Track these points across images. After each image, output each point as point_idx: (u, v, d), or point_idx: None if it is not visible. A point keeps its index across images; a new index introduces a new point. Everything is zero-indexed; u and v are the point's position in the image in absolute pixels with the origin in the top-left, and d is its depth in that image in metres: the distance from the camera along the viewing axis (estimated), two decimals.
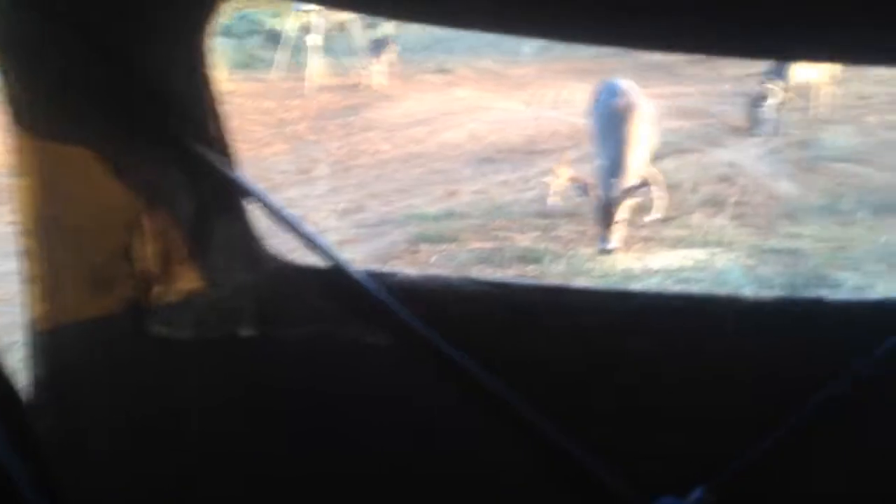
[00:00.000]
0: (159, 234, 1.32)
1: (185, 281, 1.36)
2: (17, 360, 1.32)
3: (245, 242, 1.40)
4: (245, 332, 1.41)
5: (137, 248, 1.32)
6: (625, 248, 6.42)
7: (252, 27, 22.68)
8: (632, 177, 6.62)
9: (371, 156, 10.50)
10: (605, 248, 6.29)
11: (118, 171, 1.27)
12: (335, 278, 1.39)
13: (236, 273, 1.40)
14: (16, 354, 1.38)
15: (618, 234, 6.36)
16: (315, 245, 1.37)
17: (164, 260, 1.34)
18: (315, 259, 1.41)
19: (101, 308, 1.33)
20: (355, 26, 17.63)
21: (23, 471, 0.67)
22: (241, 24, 22.56)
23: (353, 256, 6.54)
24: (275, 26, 22.46)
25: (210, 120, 1.31)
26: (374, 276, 1.39)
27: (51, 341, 1.31)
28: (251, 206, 1.39)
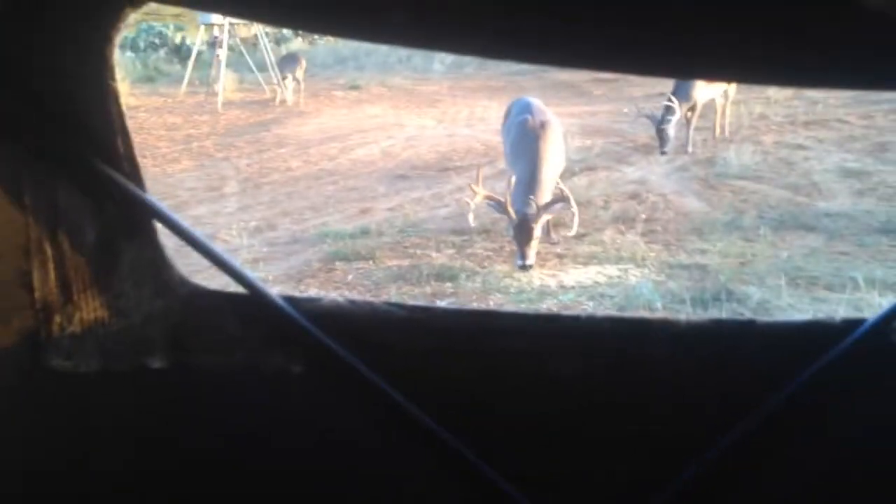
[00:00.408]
0: (61, 259, 1.22)
1: (89, 310, 1.26)
2: None
3: (154, 267, 1.30)
4: (155, 363, 1.31)
5: (37, 275, 1.22)
6: (540, 264, 6.49)
7: (156, 40, 22.16)
8: (546, 194, 6.71)
9: (282, 173, 10.34)
10: (522, 265, 6.33)
11: (16, 193, 1.17)
12: (252, 304, 1.31)
13: (145, 300, 1.30)
14: None
15: (534, 251, 6.42)
16: (230, 269, 1.29)
17: (65, 288, 1.24)
18: (230, 284, 1.33)
19: None
20: (264, 42, 17.41)
21: None
22: (145, 37, 22.02)
23: (266, 275, 6.40)
24: (180, 40, 22.02)
25: (116, 137, 1.21)
26: (294, 301, 1.32)
27: None
28: (160, 229, 1.30)
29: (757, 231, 7.07)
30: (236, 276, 1.28)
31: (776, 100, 12.38)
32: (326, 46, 22.59)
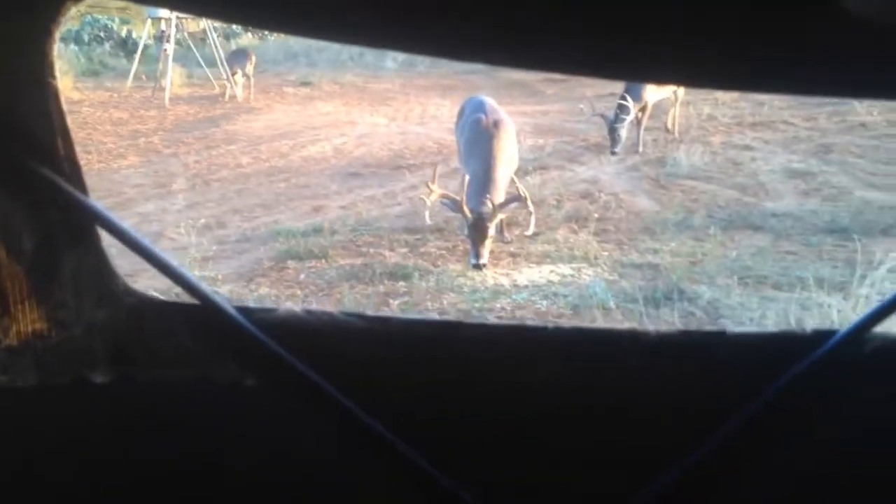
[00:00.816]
0: None
1: (27, 322, 1.18)
2: None
3: (97, 276, 1.22)
4: (98, 376, 1.23)
5: None
6: (493, 263, 6.48)
7: (101, 34, 21.67)
8: (501, 193, 6.71)
9: (232, 169, 10.18)
10: (476, 264, 6.32)
11: None
12: (203, 315, 1.24)
13: (87, 311, 1.22)
14: None
15: (488, 250, 6.41)
16: (179, 278, 1.20)
17: (2, 298, 1.16)
18: (179, 294, 1.26)
19: None
20: (213, 37, 17.13)
21: None
22: (89, 31, 21.52)
23: (216, 274, 6.29)
24: (126, 34, 21.56)
25: (56, 138, 1.13)
26: (247, 311, 1.25)
27: None
28: (104, 236, 1.23)
29: (707, 230, 7.16)
30: (186, 285, 1.20)
31: (724, 101, 12.59)
32: (276, 42, 22.33)
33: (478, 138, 7.14)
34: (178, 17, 15.90)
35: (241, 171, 10.11)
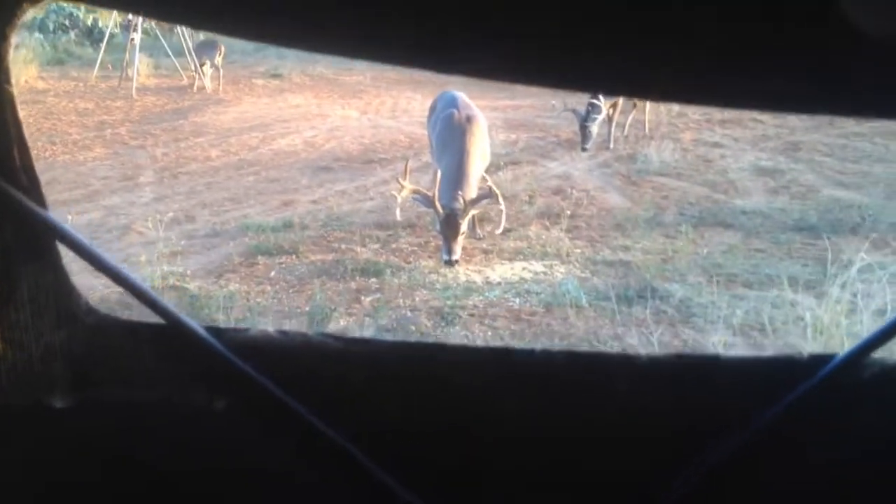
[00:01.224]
0: None
1: None
2: None
3: (56, 294, 1.15)
4: (59, 401, 1.17)
5: None
6: (466, 260, 6.45)
7: (66, 22, 21.26)
8: (473, 189, 6.68)
9: (201, 162, 10.04)
10: (448, 261, 6.28)
11: None
12: (169, 335, 1.17)
13: (45, 331, 1.15)
14: None
15: (460, 246, 6.38)
16: (144, 296, 1.13)
17: None
18: (144, 313, 1.17)
19: None
20: (182, 26, 16.88)
21: None
22: (55, 19, 21.10)
23: (185, 270, 6.19)
24: (92, 22, 21.17)
25: (12, 148, 1.06)
26: (217, 332, 1.18)
27: None
28: (64, 251, 1.16)
29: (678, 228, 7.19)
30: (151, 304, 1.13)
31: None
32: None
33: (450, 134, 7.10)
34: None
35: (210, 164, 9.98)
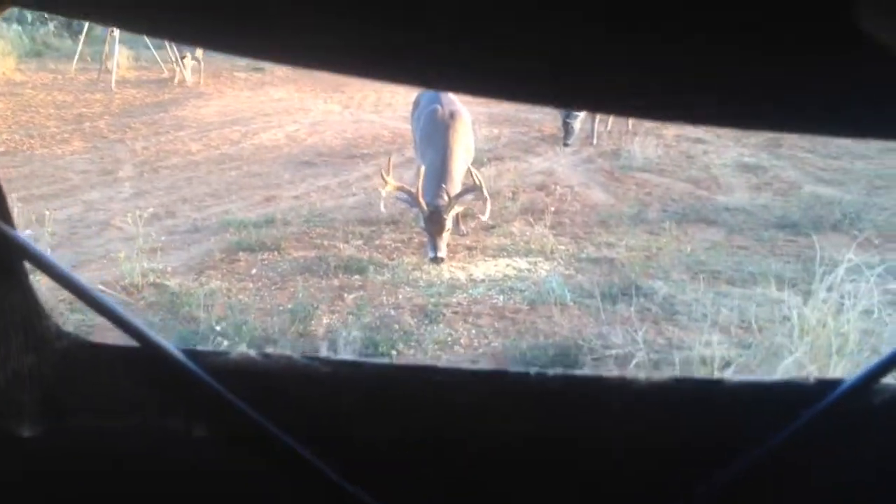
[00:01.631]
0: None
1: None
2: None
3: (25, 317, 1.11)
4: (27, 429, 1.12)
5: None
6: (449, 256, 6.42)
7: (45, 13, 20.97)
8: (457, 185, 6.64)
9: (182, 157, 9.93)
10: (434, 257, 6.24)
11: None
12: (144, 359, 1.13)
13: (13, 355, 1.11)
14: None
15: (446, 243, 6.34)
16: (117, 318, 1.08)
17: None
18: (118, 335, 1.12)
19: None
20: None
21: None
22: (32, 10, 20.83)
23: (165, 267, 6.11)
24: None
25: None
26: (195, 355, 1.13)
27: None
28: (33, 272, 1.10)
29: (661, 224, 7.19)
30: (125, 326, 1.08)
31: None
32: None
33: (434, 129, 7.05)
34: None
35: (191, 158, 9.88)
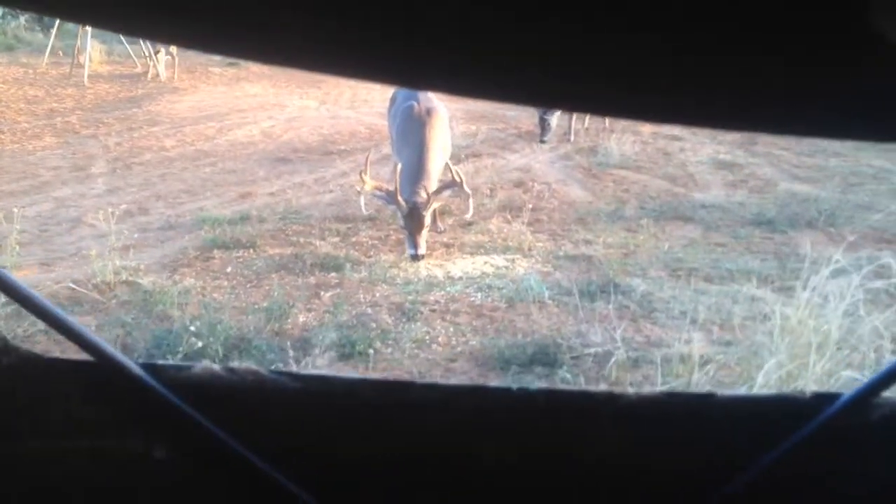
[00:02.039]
0: None
1: None
2: None
3: None
4: None
5: None
6: (427, 254, 6.37)
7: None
8: (434, 181, 6.59)
9: (155, 153, 9.80)
10: (414, 255, 6.19)
11: None
12: (100, 374, 1.06)
13: None
14: None
15: (425, 240, 6.30)
16: (71, 332, 1.01)
17: None
18: (74, 351, 1.06)
19: None
20: None
21: None
22: None
23: (138, 264, 6.02)
24: None
25: None
26: (155, 370, 1.07)
27: None
28: None
29: (639, 221, 7.19)
30: (78, 338, 1.02)
31: None
32: None
33: (410, 127, 7.00)
34: None
35: (165, 154, 9.75)
